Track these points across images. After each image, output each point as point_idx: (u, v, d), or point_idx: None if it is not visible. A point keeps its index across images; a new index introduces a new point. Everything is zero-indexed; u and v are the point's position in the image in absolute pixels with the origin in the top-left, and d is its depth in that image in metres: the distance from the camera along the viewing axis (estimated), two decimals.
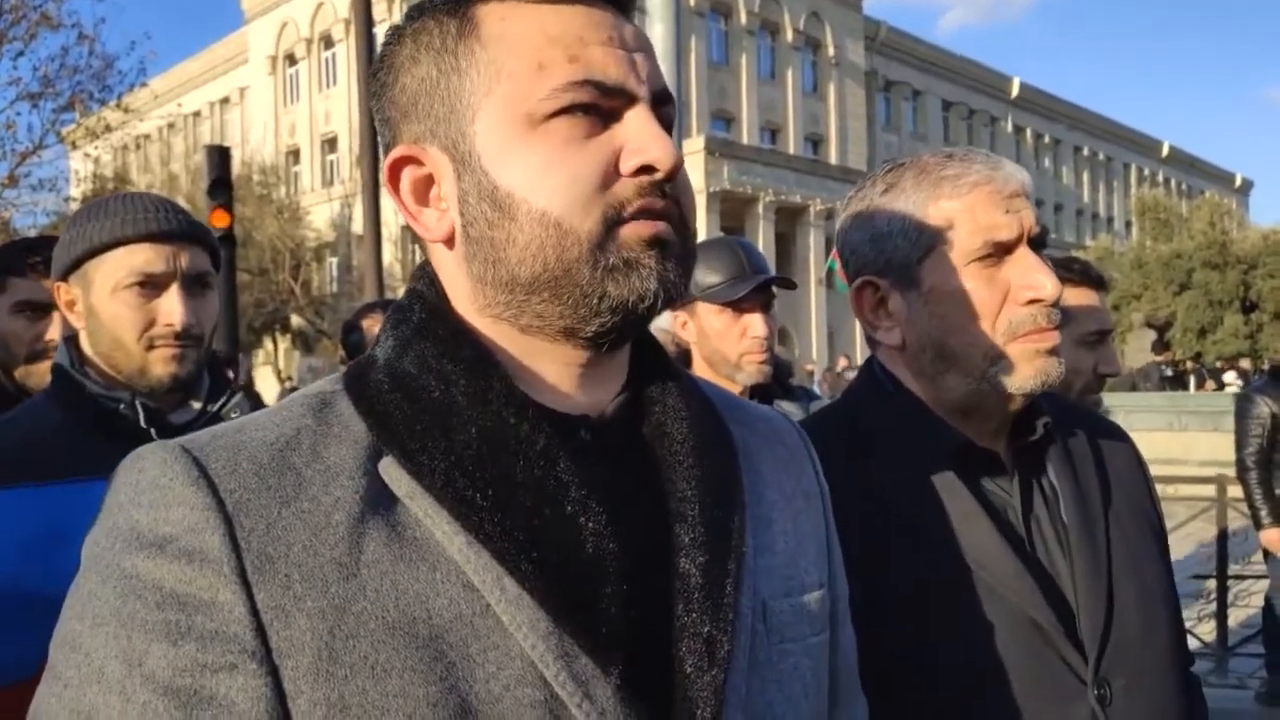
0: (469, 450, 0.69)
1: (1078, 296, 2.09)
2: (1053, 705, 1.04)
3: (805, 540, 0.86)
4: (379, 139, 0.81)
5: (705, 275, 2.20)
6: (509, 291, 0.73)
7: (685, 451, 0.77)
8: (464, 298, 0.76)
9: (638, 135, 0.72)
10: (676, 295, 0.73)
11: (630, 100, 0.73)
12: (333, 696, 0.63)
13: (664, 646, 0.71)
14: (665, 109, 0.76)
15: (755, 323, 2.20)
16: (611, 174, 0.71)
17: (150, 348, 1.47)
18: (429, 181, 0.76)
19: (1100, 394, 2.25)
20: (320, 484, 0.68)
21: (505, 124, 0.72)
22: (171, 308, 1.47)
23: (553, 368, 0.76)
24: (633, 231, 0.71)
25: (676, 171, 0.73)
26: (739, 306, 2.20)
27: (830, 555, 0.89)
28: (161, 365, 1.48)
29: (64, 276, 1.50)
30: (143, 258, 1.46)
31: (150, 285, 1.46)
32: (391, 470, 0.69)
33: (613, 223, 0.71)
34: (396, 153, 0.76)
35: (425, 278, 0.79)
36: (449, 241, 0.75)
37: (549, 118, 0.71)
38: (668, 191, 0.73)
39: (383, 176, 0.77)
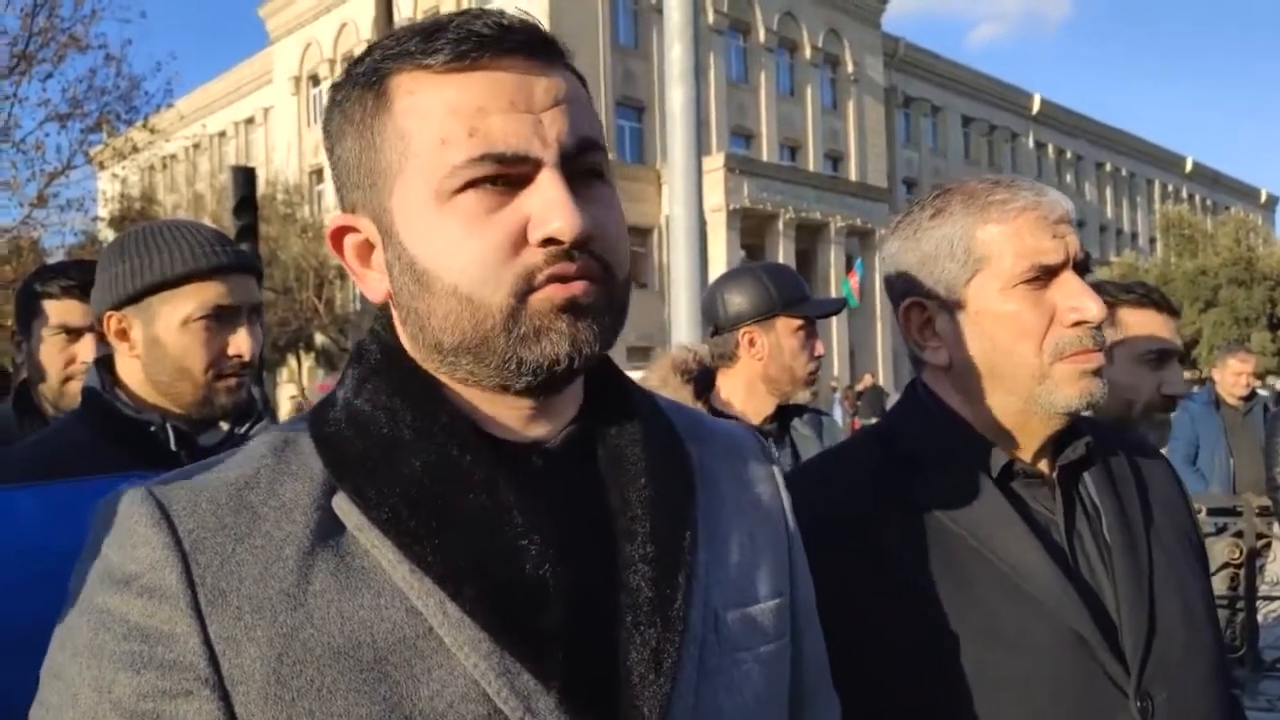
0: (413, 483, 0.72)
1: (1138, 318, 2.07)
2: (1095, 716, 1.06)
3: (761, 552, 0.88)
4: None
5: (786, 291, 2.28)
6: (439, 354, 0.77)
7: (637, 472, 0.80)
8: (409, 349, 0.80)
9: (541, 205, 0.72)
10: (594, 353, 0.75)
11: (536, 166, 0.73)
12: (281, 718, 0.67)
13: (612, 660, 0.74)
14: (587, 157, 0.76)
15: (820, 344, 2.32)
16: (520, 243, 0.73)
17: (218, 377, 1.52)
18: (369, 246, 0.80)
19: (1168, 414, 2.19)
20: (274, 520, 0.72)
21: (416, 200, 0.74)
22: (241, 340, 1.52)
23: (498, 409, 0.79)
24: (543, 298, 0.73)
25: (584, 239, 0.72)
26: (810, 327, 2.30)
27: (792, 564, 0.92)
28: (225, 395, 1.53)
29: (119, 306, 1.51)
30: (215, 292, 1.50)
31: (218, 317, 1.50)
32: (343, 504, 0.73)
33: (523, 293, 0.73)
34: (337, 221, 0.80)
35: (383, 319, 0.83)
36: (390, 302, 0.80)
37: (456, 193, 0.72)
38: (576, 257, 0.73)
39: (327, 242, 0.82)
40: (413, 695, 0.68)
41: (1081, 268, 1.14)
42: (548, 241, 0.72)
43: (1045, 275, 1.12)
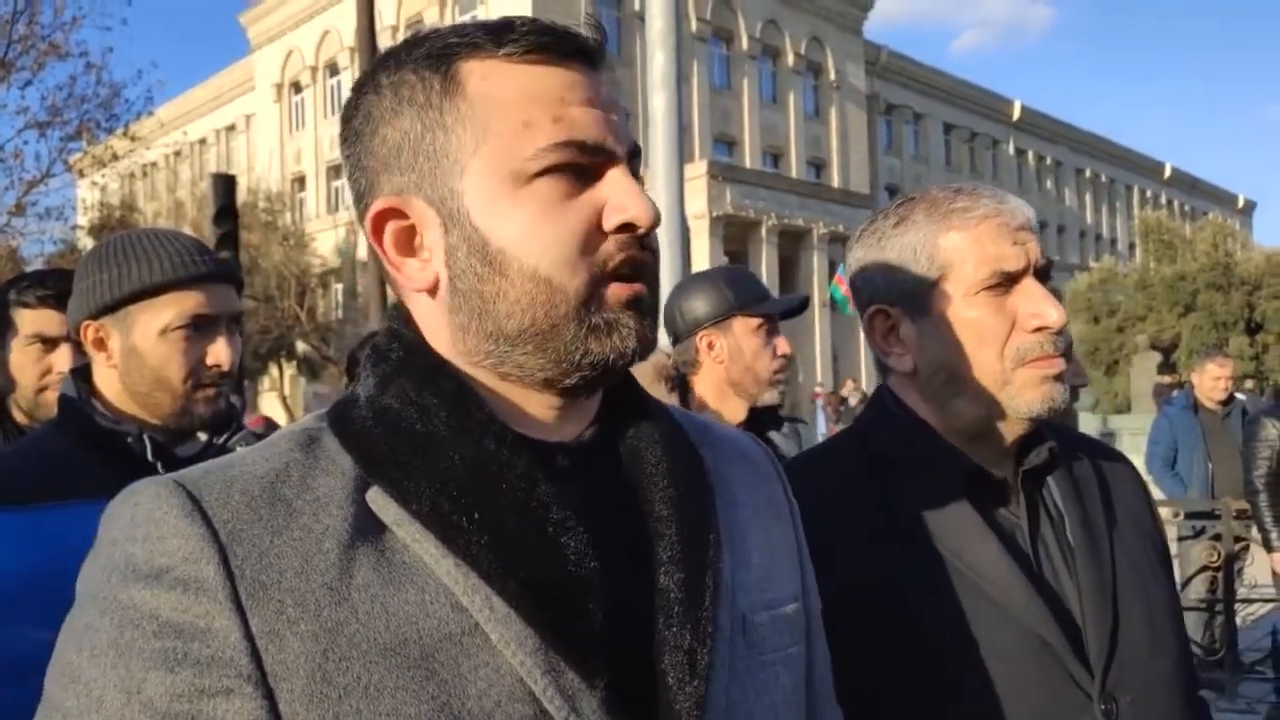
0: (452, 477, 0.71)
1: None
2: (1059, 719, 1.07)
3: (778, 555, 0.89)
4: (350, 186, 0.82)
5: (741, 292, 2.24)
6: (493, 342, 0.76)
7: (659, 474, 0.80)
8: (444, 343, 0.79)
9: (619, 193, 0.75)
10: (651, 351, 0.78)
11: (610, 159, 0.76)
12: (327, 717, 0.65)
13: (647, 660, 0.73)
14: (635, 162, 0.79)
15: (783, 342, 2.27)
16: (594, 231, 0.75)
17: (196, 387, 1.50)
18: (412, 232, 0.78)
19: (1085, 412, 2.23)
20: (310, 513, 0.70)
21: (493, 181, 0.74)
22: (220, 349, 1.51)
23: (530, 406, 0.79)
24: (615, 293, 0.75)
25: (654, 227, 0.76)
26: (770, 326, 2.26)
27: (803, 569, 0.93)
28: (204, 405, 1.52)
29: (96, 315, 1.50)
30: (195, 301, 1.49)
31: (197, 327, 1.49)
32: (378, 499, 0.71)
33: (598, 281, 0.75)
34: (380, 204, 0.77)
35: (400, 318, 0.82)
36: (431, 291, 0.78)
37: (534, 176, 0.74)
38: (646, 246, 0.77)
39: (365, 226, 0.78)
40: (461, 694, 0.67)
41: (1042, 274, 1.16)
42: (622, 229, 0.75)
43: (1007, 282, 1.13)
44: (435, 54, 0.76)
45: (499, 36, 0.75)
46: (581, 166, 0.75)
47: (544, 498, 0.72)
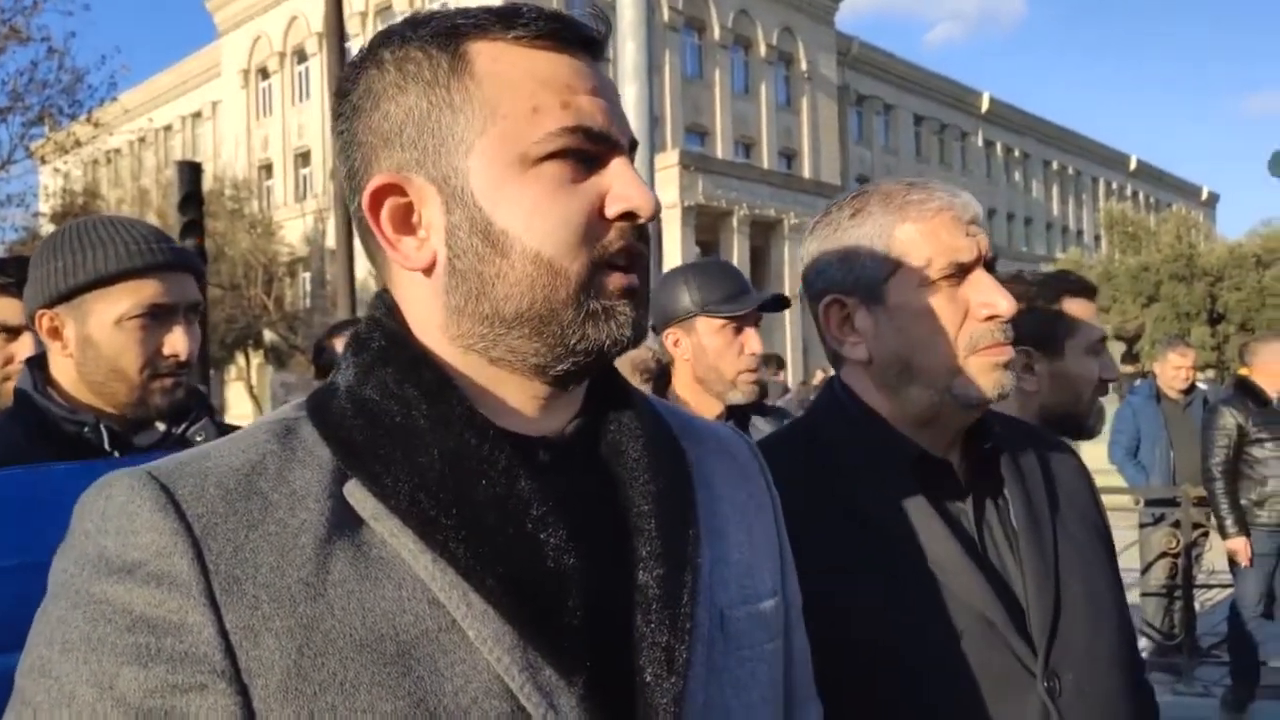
0: (431, 471, 0.71)
1: (1081, 308, 2.02)
2: (1005, 696, 1.10)
3: (759, 550, 0.89)
4: (342, 161, 0.80)
5: (706, 292, 2.23)
6: (488, 325, 0.75)
7: (640, 469, 0.80)
8: (434, 327, 0.78)
9: (622, 183, 0.76)
10: (643, 339, 0.79)
11: (614, 148, 0.77)
12: (303, 714, 0.64)
13: (624, 656, 0.73)
14: (633, 154, 0.80)
15: (752, 340, 2.25)
16: (596, 218, 0.75)
17: (153, 377, 1.49)
18: (409, 210, 0.77)
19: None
20: (286, 507, 0.69)
21: (499, 163, 0.74)
22: (177, 339, 1.49)
23: (515, 395, 0.78)
24: (613, 282, 0.76)
25: (654, 217, 0.77)
26: (738, 324, 2.23)
27: (783, 563, 0.93)
28: (161, 395, 1.50)
29: (50, 304, 1.49)
30: (151, 290, 1.47)
31: (153, 316, 1.48)
32: (356, 493, 0.71)
33: (597, 267, 0.75)
34: (379, 180, 0.76)
35: (383, 306, 0.80)
36: (427, 271, 0.77)
37: (541, 160, 0.74)
38: (643, 236, 0.78)
39: (362, 201, 0.77)
40: (437, 690, 0.66)
41: (989, 267, 1.19)
42: (624, 217, 0.76)
43: (960, 273, 1.17)
44: (443, 32, 0.76)
45: (508, 20, 0.75)
46: (586, 153, 0.75)
47: (524, 494, 0.71)
